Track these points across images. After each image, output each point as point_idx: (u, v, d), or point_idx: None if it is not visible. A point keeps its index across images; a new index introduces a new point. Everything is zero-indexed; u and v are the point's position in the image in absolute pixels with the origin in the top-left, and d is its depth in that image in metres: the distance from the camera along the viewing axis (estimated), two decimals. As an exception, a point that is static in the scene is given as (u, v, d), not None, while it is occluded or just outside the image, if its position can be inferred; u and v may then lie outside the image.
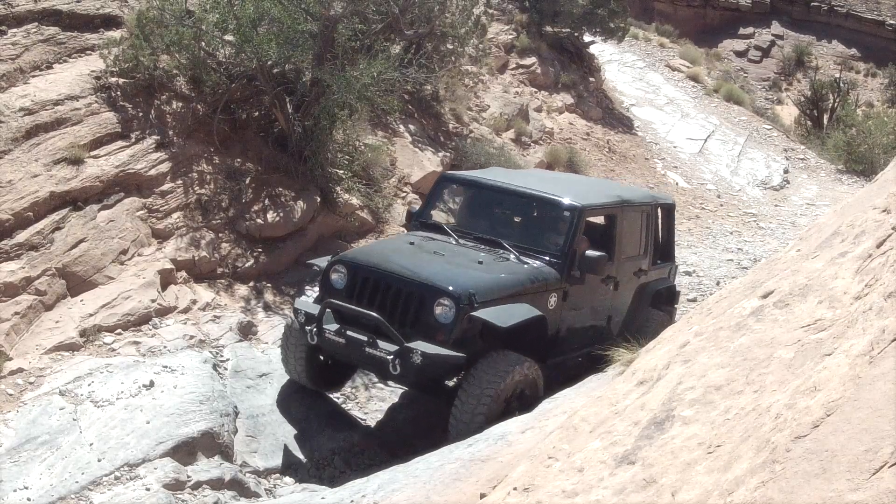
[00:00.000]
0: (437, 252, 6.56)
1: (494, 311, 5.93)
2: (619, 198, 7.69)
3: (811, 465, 2.21)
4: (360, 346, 5.92)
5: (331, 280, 6.40)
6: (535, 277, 6.47)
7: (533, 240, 6.95)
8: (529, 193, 7.21)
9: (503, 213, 7.43)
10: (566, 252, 6.70)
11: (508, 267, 6.51)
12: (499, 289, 6.18)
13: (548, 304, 6.52)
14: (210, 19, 9.15)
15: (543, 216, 7.22)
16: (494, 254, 6.64)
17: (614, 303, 7.55)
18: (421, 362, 5.65)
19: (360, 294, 6.15)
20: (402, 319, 5.96)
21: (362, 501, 4.56)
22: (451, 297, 5.86)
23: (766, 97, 28.87)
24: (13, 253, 7.06)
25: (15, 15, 8.91)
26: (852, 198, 4.51)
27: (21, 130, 7.80)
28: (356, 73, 9.14)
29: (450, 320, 5.85)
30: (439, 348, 5.74)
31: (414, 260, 6.41)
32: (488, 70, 15.72)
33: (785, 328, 3.16)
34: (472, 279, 6.10)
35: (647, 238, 7.87)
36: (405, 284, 6.02)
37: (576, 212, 6.86)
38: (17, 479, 5.33)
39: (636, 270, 7.72)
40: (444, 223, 7.33)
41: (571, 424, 3.73)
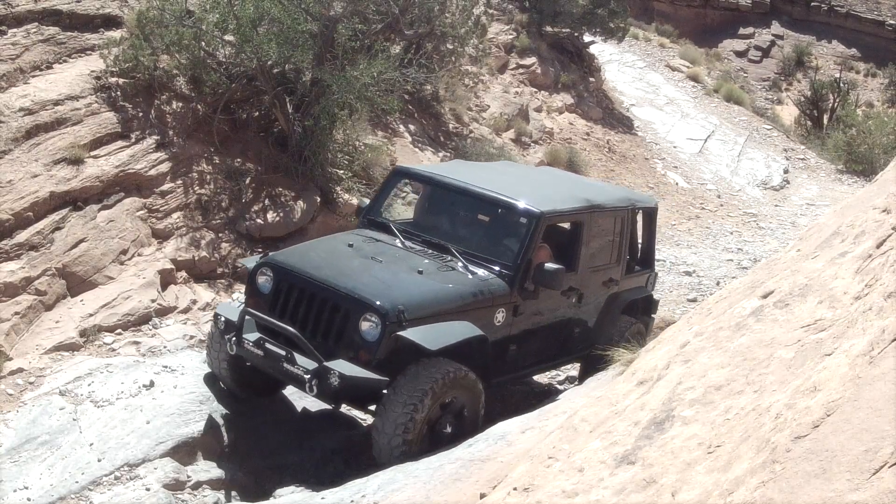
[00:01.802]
0: (375, 257, 6.01)
1: (425, 330, 5.37)
2: (587, 202, 6.88)
3: (811, 465, 2.21)
4: (278, 360, 5.45)
5: (257, 284, 5.89)
6: (480, 291, 5.88)
7: (485, 247, 6.33)
8: (485, 195, 6.52)
9: (457, 215, 6.78)
10: (519, 263, 6.07)
11: (451, 278, 5.91)
12: (434, 304, 5.61)
13: (494, 320, 5.95)
14: (210, 19, 9.15)
15: (499, 221, 6.53)
16: (440, 261, 6.08)
17: (578, 316, 6.91)
18: (339, 385, 5.16)
19: (285, 302, 5.66)
20: (325, 333, 5.47)
21: (362, 501, 4.56)
22: (378, 313, 5.31)
23: (766, 97, 28.87)
24: (13, 253, 7.06)
25: (15, 15, 8.91)
26: (852, 198, 4.51)
27: (21, 130, 7.80)
28: (356, 73, 9.14)
29: (375, 338, 5.31)
30: (360, 370, 5.24)
31: (345, 266, 5.88)
32: (488, 70, 15.72)
33: (785, 328, 3.16)
34: (403, 293, 5.56)
35: (621, 245, 7.20)
36: (330, 295, 5.49)
37: (534, 218, 6.21)
38: (17, 479, 5.33)
39: (606, 280, 7.09)
40: (392, 222, 6.69)
41: (571, 424, 3.73)
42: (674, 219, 15.02)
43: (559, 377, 8.08)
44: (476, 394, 5.64)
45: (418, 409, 5.23)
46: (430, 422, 5.37)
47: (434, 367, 5.36)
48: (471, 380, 5.54)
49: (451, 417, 5.53)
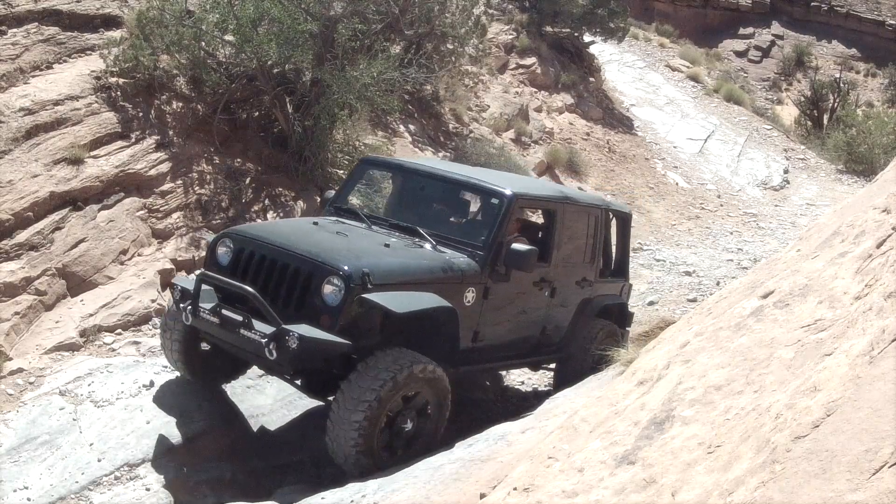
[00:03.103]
0: (340, 233, 5.83)
1: (391, 295, 5.13)
2: (560, 193, 6.97)
3: (811, 465, 2.21)
4: (235, 326, 5.12)
5: (217, 255, 5.65)
6: (449, 267, 5.69)
7: (455, 228, 6.28)
8: (455, 178, 6.49)
9: (426, 201, 6.65)
10: (490, 243, 5.91)
11: (419, 253, 5.75)
12: (401, 273, 5.39)
13: (464, 299, 5.74)
14: (210, 19, 9.16)
15: (469, 203, 6.59)
16: (408, 240, 5.92)
17: (551, 312, 6.74)
18: (297, 347, 4.82)
19: (245, 270, 5.40)
20: (286, 300, 5.20)
21: (362, 501, 4.56)
22: (341, 276, 5.06)
23: (766, 97, 28.87)
24: (13, 253, 7.06)
25: (15, 15, 8.91)
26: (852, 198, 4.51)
27: (21, 130, 7.80)
28: (356, 73, 9.15)
29: (338, 302, 5.05)
30: (321, 332, 4.96)
31: (309, 237, 5.66)
32: (488, 70, 15.73)
33: (785, 328, 3.16)
34: (369, 259, 5.31)
35: (595, 244, 7.10)
36: (292, 260, 5.25)
37: (504, 199, 6.09)
38: (17, 479, 5.33)
39: (580, 279, 6.98)
40: (359, 209, 6.52)
41: (571, 424, 3.73)
42: (674, 219, 15.03)
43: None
44: (441, 391, 5.37)
45: (377, 402, 4.95)
46: (389, 416, 5.12)
47: (396, 357, 5.12)
48: (437, 374, 5.27)
49: (414, 413, 5.27)
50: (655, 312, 9.80)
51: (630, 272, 8.17)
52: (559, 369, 7.16)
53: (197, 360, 6.04)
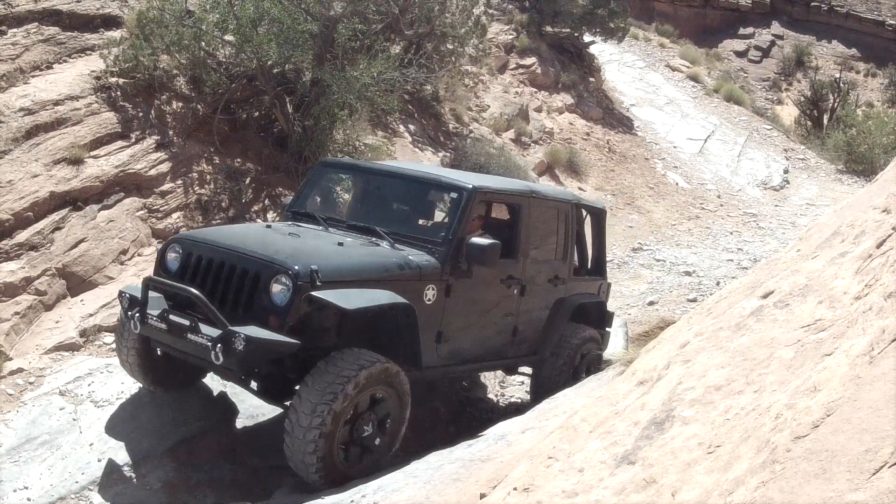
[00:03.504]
0: (293, 234, 5.68)
1: (341, 293, 4.98)
2: (525, 187, 6.77)
3: (811, 466, 2.21)
4: (182, 331, 4.98)
5: (166, 261, 5.53)
6: (406, 263, 5.50)
7: (414, 226, 6.13)
8: (413, 175, 6.38)
9: (385, 200, 6.51)
10: (450, 239, 5.72)
11: (373, 251, 5.58)
12: (353, 270, 5.22)
13: (423, 297, 5.56)
14: (210, 19, 9.16)
15: (429, 200, 6.39)
16: (364, 240, 5.76)
17: (522, 311, 6.52)
18: (244, 349, 4.67)
19: (194, 274, 5.27)
20: (235, 302, 5.06)
21: (362, 501, 4.56)
22: (289, 274, 4.91)
23: (766, 97, 28.88)
24: (13, 253, 7.06)
25: (15, 15, 8.92)
26: (852, 198, 4.51)
27: (21, 130, 7.80)
28: (356, 73, 9.15)
29: (286, 301, 4.91)
30: (269, 333, 4.82)
31: (258, 238, 5.51)
32: (488, 70, 15.73)
33: (785, 328, 3.16)
34: (318, 257, 5.15)
35: (567, 241, 6.91)
36: (239, 261, 5.11)
37: (464, 193, 5.90)
38: (17, 479, 5.33)
39: (552, 277, 6.77)
40: (316, 212, 6.36)
41: (571, 424, 3.73)
42: (674, 219, 15.03)
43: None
44: (401, 391, 5.19)
45: (337, 405, 4.78)
46: (349, 420, 4.97)
47: (355, 357, 4.97)
48: (396, 374, 5.12)
49: (374, 416, 5.12)
50: (655, 312, 9.80)
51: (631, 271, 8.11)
52: (535, 373, 6.96)
53: (154, 369, 5.85)
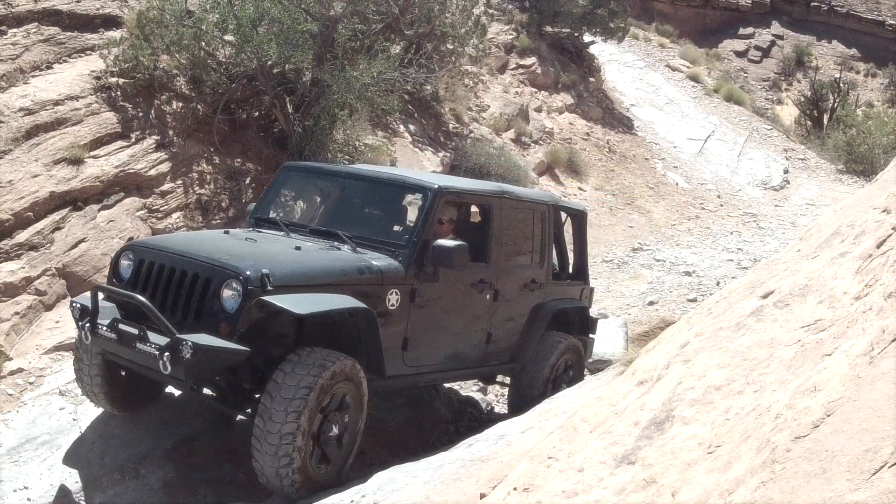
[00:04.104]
0: (250, 239, 5.48)
1: (294, 297, 4.78)
2: (497, 188, 6.50)
3: (811, 466, 2.21)
4: (131, 340, 4.80)
5: (119, 269, 5.32)
6: (367, 267, 5.26)
7: (378, 229, 5.83)
8: (376, 177, 6.15)
9: (349, 203, 6.29)
10: (414, 241, 5.49)
11: (332, 255, 5.36)
12: (309, 274, 5.00)
13: (386, 302, 5.32)
14: (210, 19, 9.16)
15: (396, 202, 6.08)
16: (325, 244, 5.56)
17: (496, 317, 6.25)
18: (191, 357, 4.49)
19: (146, 282, 5.06)
20: (186, 309, 4.87)
21: (362, 501, 4.56)
22: (239, 279, 4.70)
23: (766, 97, 28.88)
24: (13, 253, 7.07)
25: (15, 15, 8.92)
26: (852, 198, 4.51)
27: (21, 130, 7.81)
28: (356, 73, 9.15)
29: (236, 307, 4.70)
30: (217, 340, 4.63)
31: (212, 244, 5.31)
32: (488, 70, 15.74)
33: (785, 328, 3.16)
34: (271, 260, 4.95)
35: (544, 244, 6.67)
36: (190, 266, 4.91)
37: (429, 193, 5.67)
38: (17, 479, 5.33)
39: (528, 282, 6.51)
40: (278, 218, 6.17)
41: (571, 424, 3.73)
42: (674, 219, 15.03)
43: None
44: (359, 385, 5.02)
45: (307, 409, 4.62)
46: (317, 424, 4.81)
47: (316, 357, 4.79)
48: (356, 370, 4.94)
49: (338, 415, 4.95)
50: (655, 312, 9.80)
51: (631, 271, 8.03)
52: (513, 383, 6.74)
53: (117, 392, 5.59)
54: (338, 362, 4.81)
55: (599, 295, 10.63)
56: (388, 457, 6.24)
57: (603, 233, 13.44)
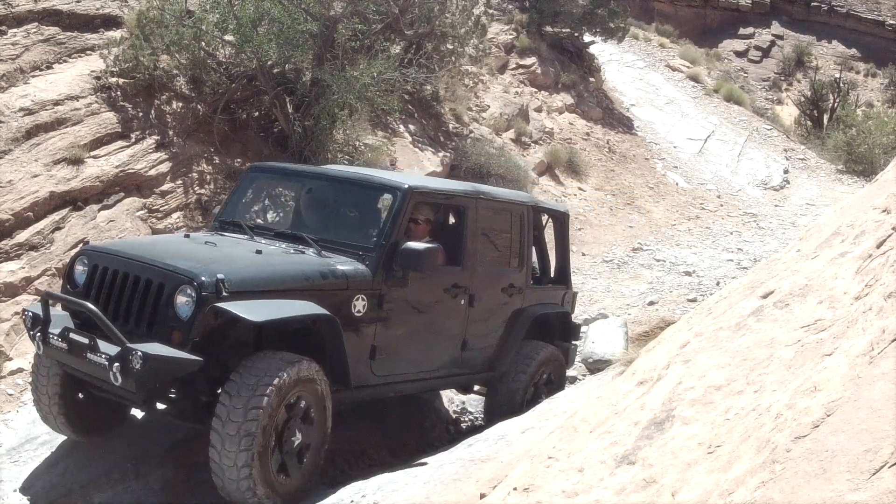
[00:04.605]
0: (210, 243, 5.26)
1: (250, 304, 4.54)
2: (472, 188, 6.26)
3: (811, 466, 2.21)
4: (82, 350, 4.58)
5: (73, 276, 5.10)
6: (330, 271, 5.03)
7: (346, 232, 5.56)
8: (344, 177, 5.90)
9: (317, 204, 6.04)
10: (382, 244, 5.24)
11: (294, 259, 5.13)
12: (267, 279, 4.76)
13: (352, 308, 5.08)
14: (210, 19, 9.17)
15: (364, 203, 5.78)
16: (289, 248, 5.34)
17: (471, 323, 5.98)
18: (142, 368, 4.27)
19: (99, 288, 4.84)
20: (139, 316, 4.65)
21: (362, 501, 4.56)
22: (192, 285, 4.48)
23: (766, 97, 28.88)
24: (13, 253, 7.07)
25: (15, 15, 8.92)
26: (852, 198, 4.51)
27: (21, 130, 7.81)
28: (356, 73, 9.16)
29: (190, 314, 4.47)
30: (168, 349, 4.41)
31: (169, 248, 5.13)
32: (488, 70, 15.73)
33: (785, 328, 3.16)
34: (228, 265, 4.72)
35: (522, 247, 6.41)
36: (144, 271, 4.69)
37: (399, 193, 5.42)
38: (17, 479, 5.33)
39: (505, 286, 6.26)
40: (242, 220, 5.88)
41: (571, 424, 3.73)
42: (674, 219, 15.03)
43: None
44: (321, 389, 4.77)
45: (265, 417, 4.37)
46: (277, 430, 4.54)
47: (272, 360, 4.55)
48: (314, 372, 4.69)
49: (299, 422, 4.69)
50: (655, 312, 9.80)
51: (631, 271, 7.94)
52: (490, 393, 6.46)
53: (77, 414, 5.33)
54: (298, 363, 4.57)
55: (599, 295, 10.63)
56: (388, 457, 6.24)
57: (603, 233, 13.44)
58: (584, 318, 9.52)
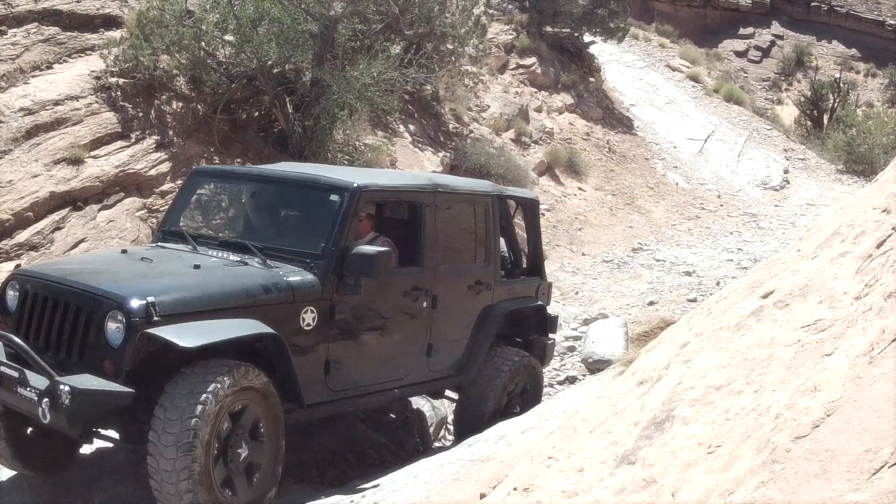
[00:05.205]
0: (146, 258, 4.94)
1: (185, 327, 4.23)
2: (428, 181, 5.85)
3: (811, 466, 2.21)
4: (12, 384, 4.26)
5: (6, 301, 4.76)
6: (274, 284, 4.70)
7: (292, 238, 5.22)
8: (289, 178, 5.53)
9: (262, 209, 5.71)
10: (331, 250, 4.89)
11: (236, 272, 4.78)
12: (204, 298, 4.43)
13: (300, 322, 4.76)
14: (210, 19, 9.17)
15: (309, 206, 5.38)
16: (230, 259, 4.99)
17: (436, 326, 5.60)
18: (71, 403, 3.98)
19: (30, 316, 4.55)
20: (70, 345, 4.35)
21: (362, 502, 4.56)
22: (122, 309, 4.18)
23: (766, 97, 28.87)
24: (13, 253, 7.07)
25: (15, 15, 8.92)
26: (852, 198, 4.51)
27: (21, 130, 7.81)
28: (356, 73, 9.16)
29: (120, 341, 4.17)
30: (99, 382, 4.11)
31: (102, 268, 4.83)
32: (488, 70, 15.73)
33: (785, 328, 3.16)
34: (160, 285, 4.44)
35: (489, 240, 6.00)
36: (73, 297, 4.39)
37: (346, 193, 5.04)
38: (18, 478, 5.32)
39: (472, 284, 5.87)
40: (186, 229, 5.54)
41: (571, 424, 3.73)
42: (674, 219, 15.03)
43: (559, 377, 8.08)
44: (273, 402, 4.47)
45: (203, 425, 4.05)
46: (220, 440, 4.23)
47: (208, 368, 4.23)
48: (262, 381, 4.39)
49: (246, 434, 4.38)
50: (655, 312, 9.80)
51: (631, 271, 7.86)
52: (460, 400, 6.11)
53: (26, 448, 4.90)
54: (236, 369, 4.25)
55: (599, 295, 10.64)
56: (388, 457, 6.24)
57: (603, 233, 13.44)
58: (584, 318, 9.53)
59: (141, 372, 4.25)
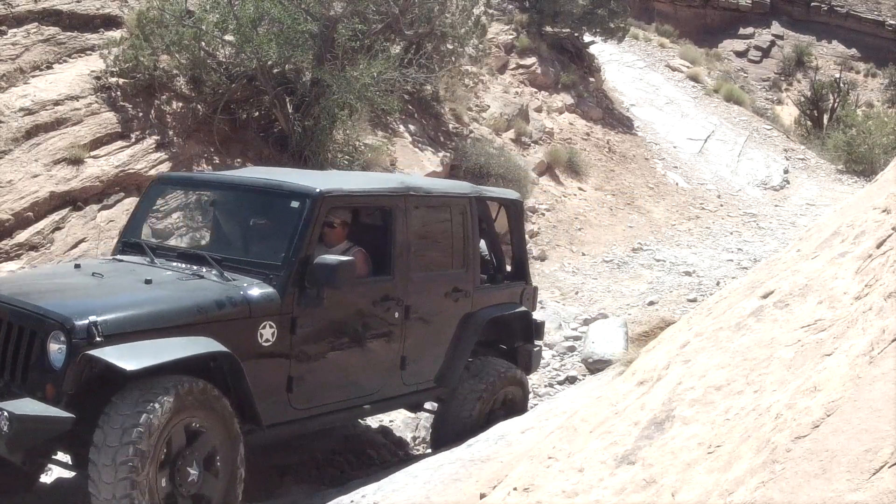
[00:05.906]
0: (97, 273, 4.67)
1: (129, 348, 4.01)
2: (400, 184, 5.57)
3: (811, 466, 2.21)
4: None
5: None
6: (229, 299, 4.46)
7: (253, 248, 5.01)
8: (249, 184, 5.27)
9: (222, 217, 5.50)
10: (291, 261, 4.63)
11: (189, 287, 4.55)
12: (150, 316, 4.20)
13: (258, 338, 4.51)
14: (210, 19, 9.17)
15: (270, 214, 5.15)
16: (185, 272, 4.74)
17: (409, 337, 5.31)
18: (10, 430, 3.79)
19: None
20: (13, 367, 4.15)
21: (362, 502, 4.56)
22: (63, 329, 3.97)
23: (766, 97, 28.86)
24: (13, 253, 7.07)
25: (15, 15, 8.93)
26: (852, 198, 4.51)
27: (21, 130, 7.81)
28: (356, 73, 9.16)
29: (62, 363, 3.96)
30: (39, 407, 3.91)
31: (48, 284, 4.68)
32: (488, 70, 15.73)
33: (785, 328, 3.16)
34: (104, 304, 4.21)
35: (467, 244, 5.69)
36: (15, 316, 4.19)
37: (307, 200, 4.77)
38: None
39: (449, 291, 5.57)
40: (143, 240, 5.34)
41: (571, 424, 3.73)
42: (674, 219, 15.03)
43: (559, 377, 8.08)
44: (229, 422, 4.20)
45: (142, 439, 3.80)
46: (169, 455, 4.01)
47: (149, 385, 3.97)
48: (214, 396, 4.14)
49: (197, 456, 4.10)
50: (655, 312, 9.80)
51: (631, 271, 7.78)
52: (439, 413, 5.85)
53: None
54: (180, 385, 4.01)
55: (599, 295, 10.64)
56: (389, 457, 6.24)
57: (603, 233, 13.44)
58: (584, 318, 9.53)
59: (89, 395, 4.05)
